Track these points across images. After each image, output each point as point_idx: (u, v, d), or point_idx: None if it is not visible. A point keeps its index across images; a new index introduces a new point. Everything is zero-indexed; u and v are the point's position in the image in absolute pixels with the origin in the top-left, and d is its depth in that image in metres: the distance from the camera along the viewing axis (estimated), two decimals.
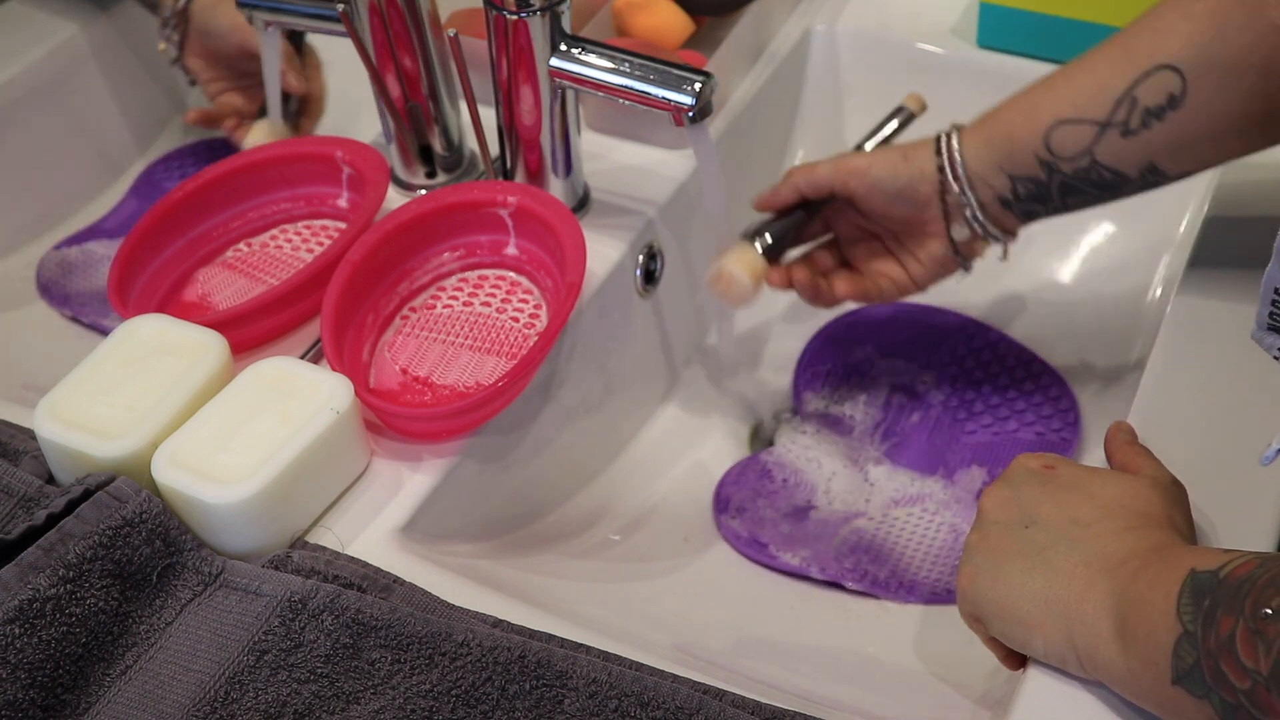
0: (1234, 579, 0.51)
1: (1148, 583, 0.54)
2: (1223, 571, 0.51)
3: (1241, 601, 0.50)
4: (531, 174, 0.85)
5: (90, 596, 0.63)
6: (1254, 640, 0.49)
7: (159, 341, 0.74)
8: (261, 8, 0.87)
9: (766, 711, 0.60)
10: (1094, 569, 0.57)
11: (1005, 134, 0.75)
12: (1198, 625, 0.51)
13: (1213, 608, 0.51)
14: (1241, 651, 0.49)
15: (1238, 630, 0.49)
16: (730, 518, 0.85)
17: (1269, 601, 0.49)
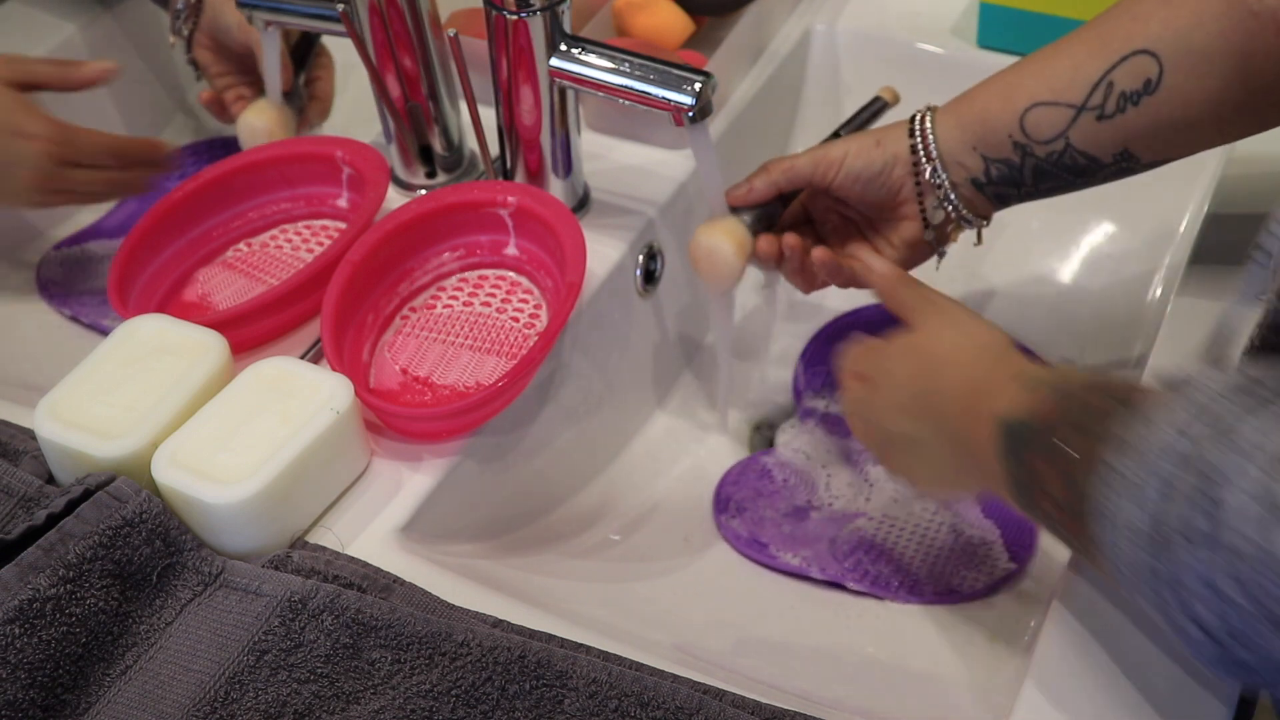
0: (1040, 425, 0.58)
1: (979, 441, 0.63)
2: (1026, 415, 0.59)
3: (1049, 445, 0.56)
4: (531, 174, 0.85)
5: (90, 596, 0.63)
6: (1061, 477, 0.55)
7: (159, 341, 0.74)
8: (261, 8, 0.87)
9: (766, 711, 0.60)
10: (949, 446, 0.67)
11: (980, 115, 0.76)
12: (1020, 470, 0.59)
13: (1030, 455, 0.58)
14: (1052, 487, 0.56)
15: (1049, 470, 0.56)
16: (730, 518, 0.85)
17: (1068, 440, 0.55)
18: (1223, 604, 0.46)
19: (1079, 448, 0.54)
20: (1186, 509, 0.46)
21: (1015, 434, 0.59)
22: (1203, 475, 0.46)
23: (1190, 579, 0.46)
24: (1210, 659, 0.48)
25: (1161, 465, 0.47)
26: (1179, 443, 0.47)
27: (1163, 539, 0.47)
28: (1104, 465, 0.50)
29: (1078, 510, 0.53)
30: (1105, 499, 0.50)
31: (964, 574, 0.79)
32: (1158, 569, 0.48)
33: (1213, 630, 0.47)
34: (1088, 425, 0.54)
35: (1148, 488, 0.48)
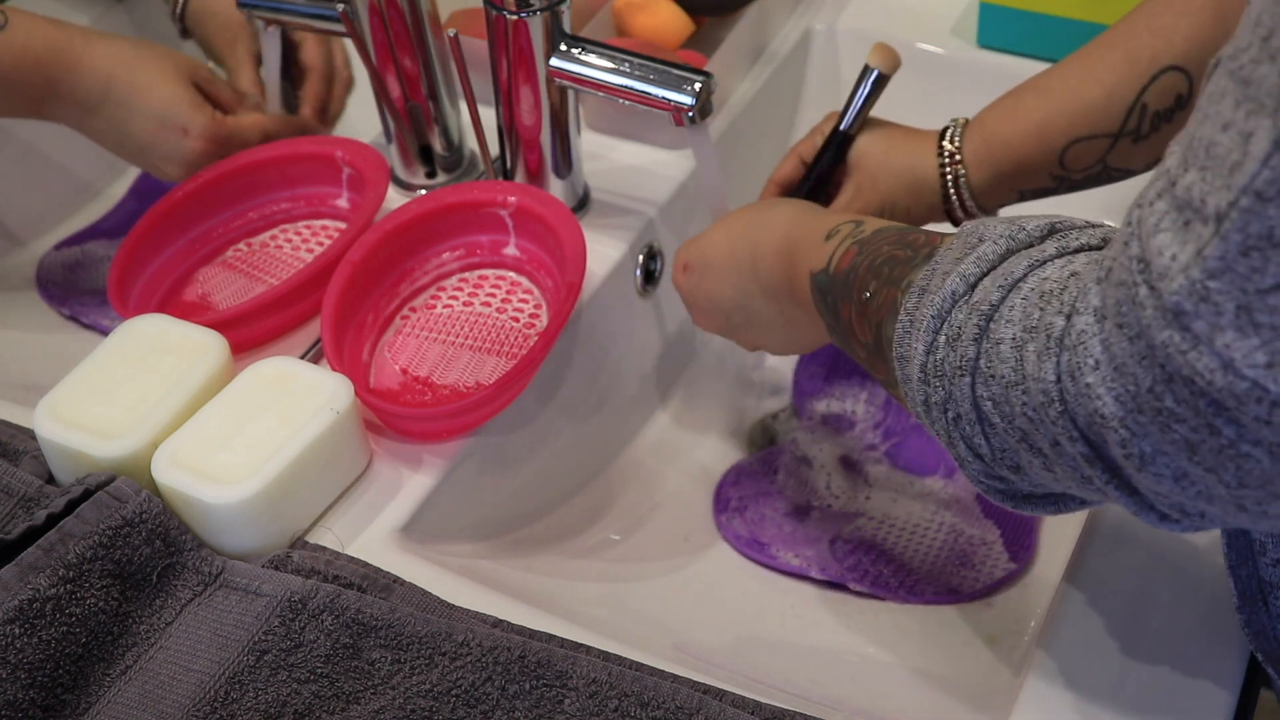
0: (841, 272, 0.63)
1: (800, 300, 0.68)
2: (832, 267, 0.64)
3: (850, 290, 0.61)
4: (531, 174, 0.85)
5: (90, 596, 0.63)
6: (862, 321, 0.60)
7: (159, 341, 0.74)
8: (261, 8, 0.87)
9: (766, 711, 0.60)
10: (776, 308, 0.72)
11: (1016, 161, 0.76)
12: (830, 317, 0.65)
13: (834, 301, 0.63)
14: (856, 329, 0.61)
15: (853, 314, 0.61)
16: (730, 518, 0.85)
17: (868, 286, 0.60)
18: (982, 425, 0.51)
19: (877, 293, 0.59)
20: (963, 345, 0.51)
21: (823, 285, 0.64)
22: (983, 315, 0.50)
23: (960, 402, 0.52)
24: (978, 475, 0.54)
25: (943, 305, 0.52)
26: (957, 285, 0.52)
27: (939, 370, 0.52)
28: (901, 309, 0.55)
29: (881, 352, 0.58)
30: (900, 341, 0.55)
31: (964, 574, 0.79)
32: (935, 398, 0.53)
33: (979, 449, 0.52)
34: (886, 272, 0.59)
35: (935, 330, 0.52)
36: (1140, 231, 0.43)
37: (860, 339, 0.61)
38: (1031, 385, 0.48)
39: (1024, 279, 0.50)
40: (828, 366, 0.94)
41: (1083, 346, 0.45)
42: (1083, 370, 0.45)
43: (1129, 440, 0.44)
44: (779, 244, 0.70)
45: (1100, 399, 0.44)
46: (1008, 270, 0.51)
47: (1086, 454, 0.47)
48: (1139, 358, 0.43)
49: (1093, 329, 0.45)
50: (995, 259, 0.52)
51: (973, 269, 0.52)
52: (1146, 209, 0.43)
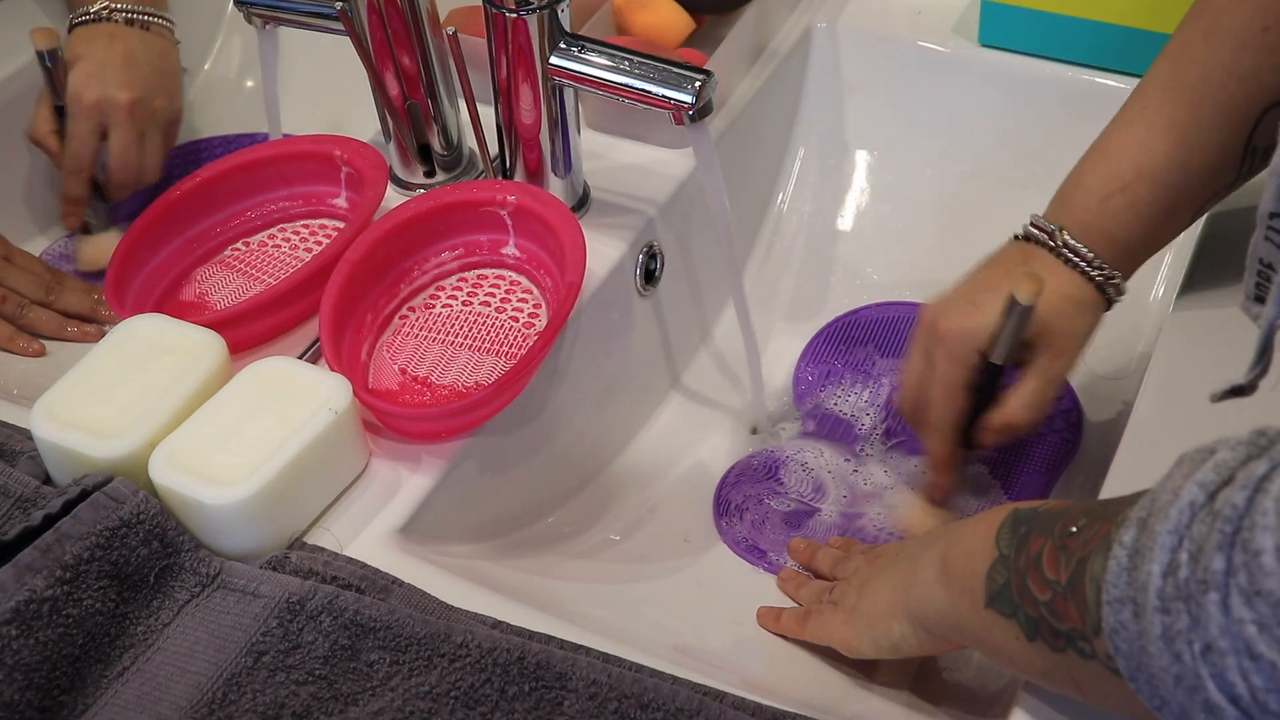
0: (1050, 512, 0.55)
1: (972, 524, 0.60)
2: (1041, 507, 0.56)
3: (1053, 525, 0.53)
4: (531, 173, 0.84)
5: (87, 598, 0.63)
6: (1058, 555, 0.52)
7: (157, 341, 0.74)
8: (260, 6, 0.87)
9: (767, 713, 0.60)
10: (930, 546, 0.63)
11: (1141, 252, 0.75)
12: (1012, 549, 0.55)
13: (1027, 533, 0.55)
14: (1046, 565, 0.52)
15: (1045, 548, 0.53)
16: (731, 521, 0.85)
17: (1076, 522, 0.52)
18: (1255, 665, 0.41)
19: (1086, 528, 0.51)
20: (1219, 565, 0.42)
21: (1024, 517, 0.56)
22: (1235, 526, 0.42)
23: (1223, 640, 0.42)
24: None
25: (1187, 524, 0.44)
26: (1206, 501, 0.44)
27: (1189, 601, 0.43)
28: (1116, 542, 0.47)
29: (1076, 590, 0.50)
30: (1115, 575, 0.46)
31: None
32: (1179, 626, 0.43)
33: (1241, 698, 0.42)
34: (1099, 510, 0.51)
35: (1173, 550, 0.44)
36: None
37: (1047, 575, 0.52)
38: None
39: (1270, 477, 0.42)
40: (828, 367, 0.94)
41: None
42: None
43: None
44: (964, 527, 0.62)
45: None
46: (1250, 473, 0.43)
47: None
48: None
49: None
50: (1236, 465, 0.44)
51: (1212, 476, 0.44)
52: None
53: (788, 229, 1.02)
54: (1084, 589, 0.49)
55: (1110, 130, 0.74)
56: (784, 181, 1.03)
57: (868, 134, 1.02)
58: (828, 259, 1.01)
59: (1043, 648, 0.53)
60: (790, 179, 1.03)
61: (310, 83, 1.08)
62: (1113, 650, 0.47)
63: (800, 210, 1.02)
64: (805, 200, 1.03)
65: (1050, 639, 0.52)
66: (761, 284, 1.00)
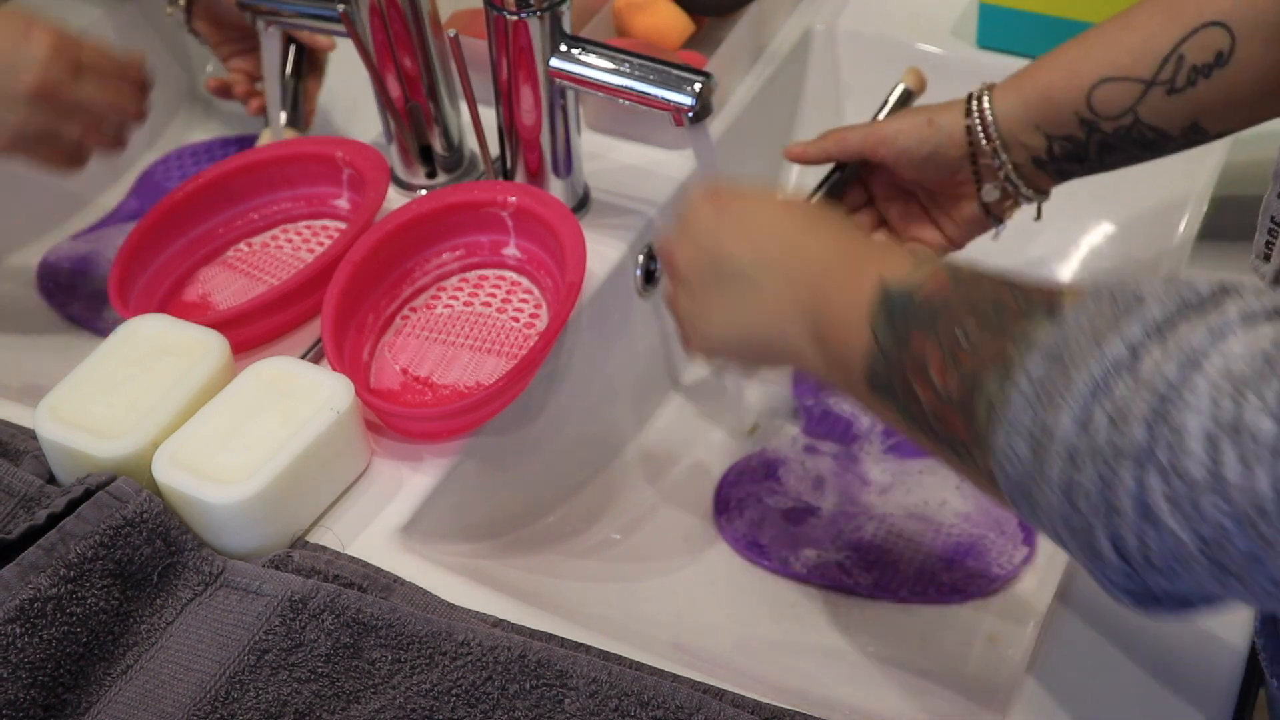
0: (928, 301, 0.53)
1: (838, 294, 0.58)
2: (916, 293, 0.54)
3: (936, 323, 0.52)
4: (531, 174, 0.85)
5: (91, 596, 0.63)
6: (946, 364, 0.51)
7: (159, 341, 0.74)
8: (261, 8, 0.87)
9: (766, 711, 0.60)
10: (786, 291, 0.61)
11: (1043, 93, 0.74)
12: (891, 344, 0.54)
13: (906, 328, 0.53)
14: (934, 372, 0.51)
15: (931, 352, 0.51)
16: (730, 519, 0.85)
17: (963, 324, 0.51)
18: (1151, 528, 0.43)
19: (977, 338, 0.50)
20: (1131, 428, 0.42)
21: (898, 304, 0.54)
22: (1156, 394, 0.42)
23: (1119, 495, 0.43)
24: (1114, 577, 0.46)
25: (1104, 375, 0.43)
26: (1121, 353, 0.44)
27: (1093, 452, 0.43)
28: (1019, 369, 0.46)
29: (967, 407, 0.49)
30: (1017, 405, 0.46)
31: (963, 574, 0.79)
32: (1086, 485, 0.44)
33: (1130, 554, 0.44)
34: (992, 317, 0.50)
35: (1090, 402, 0.44)
36: None
37: (934, 383, 0.51)
38: (1236, 494, 0.40)
39: (1207, 355, 0.42)
40: None
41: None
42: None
43: None
44: (834, 244, 0.61)
45: None
46: (1184, 342, 0.42)
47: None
48: None
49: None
50: (1163, 322, 0.44)
51: (1139, 333, 0.43)
52: None
53: None
54: (975, 408, 0.49)
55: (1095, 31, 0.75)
56: (783, 183, 1.03)
57: None
58: None
59: (922, 436, 0.54)
60: (789, 180, 1.03)
61: None
62: (997, 471, 0.48)
63: None
64: None
65: (929, 433, 0.53)
66: None
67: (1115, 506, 0.43)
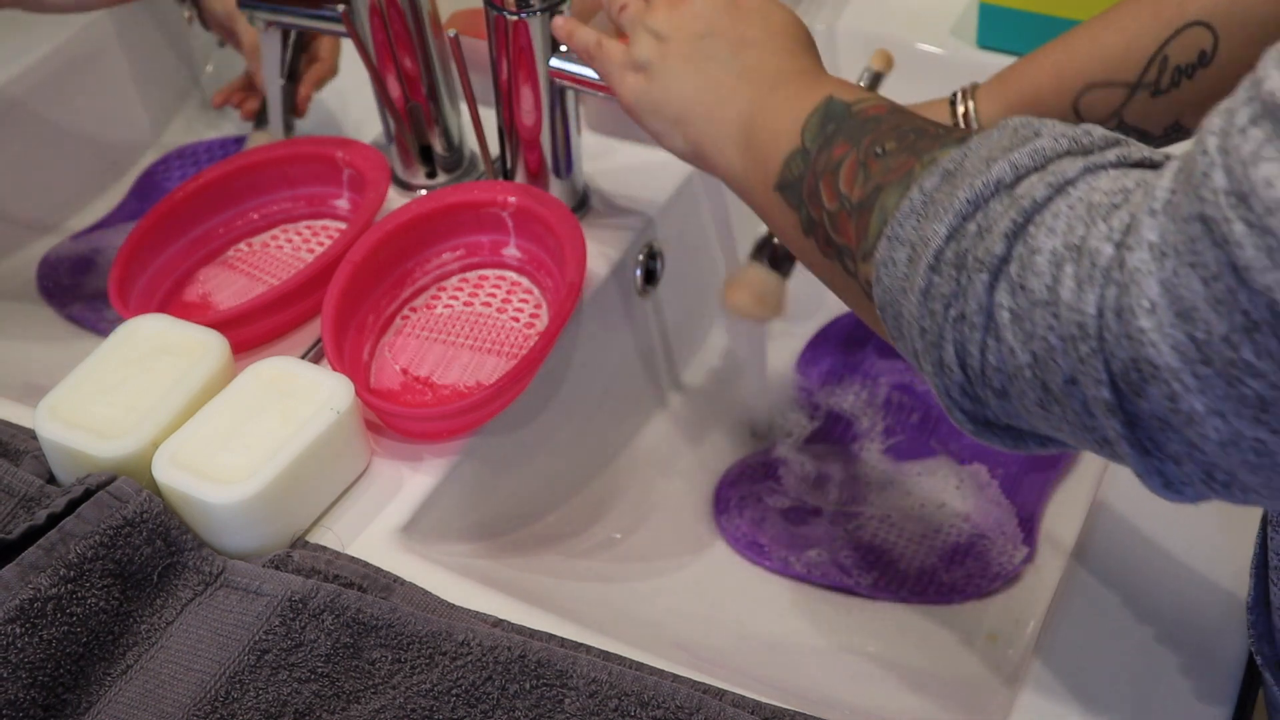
0: (863, 116, 0.55)
1: (785, 97, 0.59)
2: (855, 106, 0.56)
3: (862, 137, 0.54)
4: (531, 174, 0.85)
5: (91, 596, 0.63)
6: (857, 172, 0.53)
7: (159, 341, 0.74)
8: (261, 8, 0.87)
9: (766, 711, 0.60)
10: (744, 80, 0.62)
11: (1031, 98, 0.73)
12: (815, 146, 0.56)
13: (834, 134, 0.55)
14: (843, 177, 0.53)
15: (848, 159, 0.54)
16: (730, 518, 0.85)
17: (885, 143, 0.53)
18: (992, 340, 0.45)
19: (893, 152, 0.52)
20: (997, 244, 0.44)
21: (835, 112, 0.56)
22: (1026, 216, 0.44)
23: (971, 307, 0.45)
24: (952, 389, 0.48)
25: (987, 199, 0.46)
26: (1011, 184, 0.46)
27: (958, 263, 0.46)
28: (915, 181, 0.49)
29: (861, 214, 0.52)
30: (903, 214, 0.48)
31: (963, 573, 0.79)
32: (942, 289, 0.46)
33: (971, 365, 0.46)
34: (911, 139, 0.52)
35: (966, 217, 0.46)
36: (1228, 161, 0.38)
37: (837, 187, 0.54)
38: (1065, 312, 0.42)
39: (1074, 183, 0.45)
40: (828, 366, 0.94)
41: (1135, 285, 0.40)
42: (1134, 313, 0.40)
43: (1180, 394, 0.39)
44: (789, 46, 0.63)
45: (1153, 346, 0.40)
46: (1059, 170, 0.45)
47: (1108, 401, 0.42)
48: (1214, 302, 0.38)
49: (1148, 266, 0.40)
50: (1050, 154, 0.46)
51: (1026, 160, 0.46)
52: (1236, 136, 0.38)
53: None
54: (870, 215, 0.51)
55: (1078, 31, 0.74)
56: None
57: None
58: None
59: (813, 246, 0.56)
60: None
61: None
62: (874, 279, 0.50)
63: None
64: None
65: (822, 244, 0.55)
66: None
67: (963, 314, 0.46)
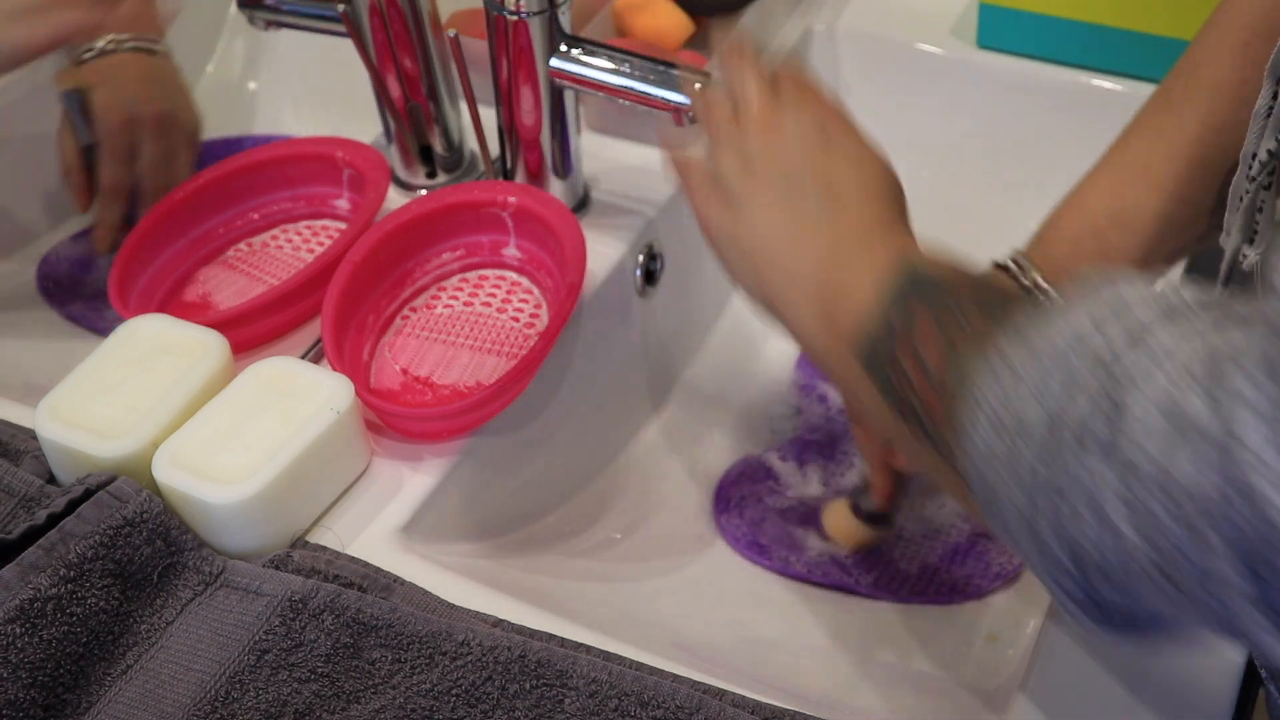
0: (944, 281, 0.53)
1: (864, 256, 0.57)
2: (935, 271, 0.54)
3: (942, 302, 0.52)
4: (531, 174, 0.85)
5: (91, 596, 0.63)
6: (940, 341, 0.50)
7: (159, 341, 0.74)
8: (261, 8, 0.87)
9: (766, 711, 0.60)
10: (825, 230, 0.60)
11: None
12: (899, 318, 0.53)
13: (914, 300, 0.53)
14: (925, 346, 0.51)
15: (929, 327, 0.51)
16: (731, 518, 0.85)
17: (965, 310, 0.50)
18: (1102, 529, 0.41)
19: (975, 322, 0.49)
20: (1088, 409, 0.41)
21: (914, 276, 0.54)
22: (1111, 376, 0.41)
23: (1075, 491, 0.41)
24: (1069, 589, 0.44)
25: (1069, 358, 0.43)
26: (1093, 337, 0.42)
27: (1055, 441, 0.42)
28: (996, 351, 0.46)
29: (945, 387, 0.49)
30: (988, 386, 0.45)
31: (964, 573, 0.79)
32: (1039, 473, 0.42)
33: (1084, 557, 0.42)
34: (992, 304, 0.50)
35: (1051, 380, 0.43)
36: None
37: (923, 360, 0.51)
38: (1180, 494, 0.38)
39: (1170, 351, 0.41)
40: None
41: (1255, 457, 0.36)
42: (1260, 490, 0.35)
43: None
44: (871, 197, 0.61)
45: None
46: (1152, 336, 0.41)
47: (1245, 590, 0.37)
48: None
49: (1263, 435, 0.36)
50: (1144, 322, 0.42)
51: (1114, 328, 0.42)
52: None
53: None
54: (954, 387, 0.48)
55: (1093, 171, 0.73)
56: None
57: None
58: None
59: (894, 414, 0.53)
60: None
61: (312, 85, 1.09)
62: (959, 453, 0.47)
63: None
64: None
65: (906, 413, 0.52)
66: None
67: (1064, 496, 0.42)
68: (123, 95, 0.93)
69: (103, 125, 0.93)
